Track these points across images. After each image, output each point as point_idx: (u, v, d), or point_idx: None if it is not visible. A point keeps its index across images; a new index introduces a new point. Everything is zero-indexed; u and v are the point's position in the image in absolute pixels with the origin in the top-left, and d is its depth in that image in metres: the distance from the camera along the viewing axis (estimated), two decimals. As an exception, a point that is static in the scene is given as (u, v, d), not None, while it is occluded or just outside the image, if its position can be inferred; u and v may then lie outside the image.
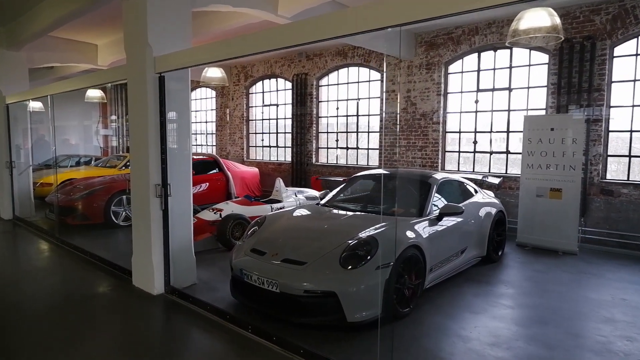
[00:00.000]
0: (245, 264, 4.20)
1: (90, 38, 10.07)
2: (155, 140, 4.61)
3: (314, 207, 5.50)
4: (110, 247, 6.84)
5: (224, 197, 9.96)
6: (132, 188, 4.96)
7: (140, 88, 4.61)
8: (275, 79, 12.29)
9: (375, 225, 4.43)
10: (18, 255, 6.59)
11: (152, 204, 4.63)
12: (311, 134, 11.25)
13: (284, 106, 12.17)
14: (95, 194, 8.04)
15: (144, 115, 4.59)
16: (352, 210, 5.13)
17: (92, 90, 11.72)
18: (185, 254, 4.93)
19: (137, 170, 4.84)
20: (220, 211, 7.00)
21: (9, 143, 8.80)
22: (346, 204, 5.50)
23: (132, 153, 4.89)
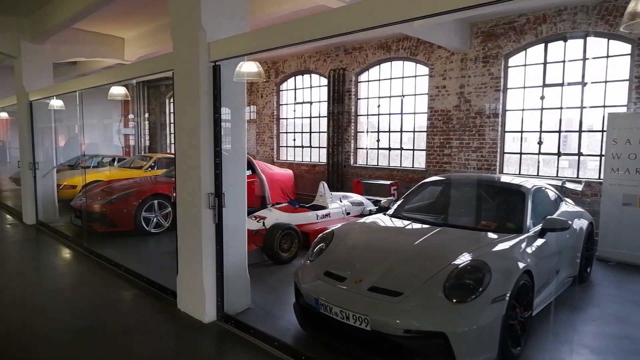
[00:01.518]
0: (321, 292, 3.46)
1: (116, 31, 9.45)
2: (208, 141, 3.89)
3: (383, 218, 4.74)
4: (145, 259, 6.17)
5: (257, 203, 9.26)
6: (177, 197, 4.26)
7: (191, 79, 3.91)
8: (309, 74, 11.56)
9: (476, 244, 3.66)
10: (43, 269, 5.95)
11: (203, 217, 3.92)
12: (349, 133, 10.49)
13: (319, 104, 11.43)
14: (124, 198, 7.39)
15: (194, 112, 3.88)
16: (432, 224, 4.34)
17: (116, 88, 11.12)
18: (239, 275, 4.22)
19: (184, 177, 4.13)
20: (263, 219, 6.28)
21: (32, 143, 8.20)
22: (421, 215, 4.73)
23: (179, 156, 4.19)
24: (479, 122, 8.25)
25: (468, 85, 8.35)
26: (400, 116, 9.67)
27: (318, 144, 11.51)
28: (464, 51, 8.34)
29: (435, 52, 8.81)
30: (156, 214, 7.57)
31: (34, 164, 8.23)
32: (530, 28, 7.58)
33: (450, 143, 8.67)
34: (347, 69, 10.39)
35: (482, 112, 8.20)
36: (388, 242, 4.04)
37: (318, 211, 7.15)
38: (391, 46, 9.52)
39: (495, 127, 8.08)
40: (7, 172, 12.97)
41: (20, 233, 7.80)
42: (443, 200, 5.04)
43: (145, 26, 9.22)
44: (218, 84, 3.85)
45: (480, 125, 8.23)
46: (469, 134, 8.37)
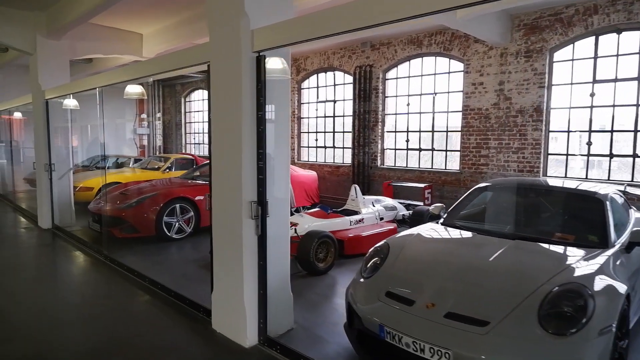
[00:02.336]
0: (386, 318, 2.98)
1: (135, 26, 9.05)
2: (250, 142, 3.43)
3: (438, 228, 4.23)
4: (169, 268, 5.73)
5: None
6: (213, 205, 3.80)
7: (231, 73, 3.45)
8: (333, 72, 11.07)
9: (561, 261, 3.16)
10: (62, 278, 5.54)
11: (244, 228, 3.46)
12: (376, 133, 9.99)
13: (343, 102, 10.94)
14: (145, 202, 6.98)
15: (235, 109, 3.42)
16: (499, 235, 3.83)
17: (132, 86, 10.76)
18: (282, 291, 3.76)
19: (221, 183, 3.68)
20: (294, 225, 5.82)
21: (48, 143, 7.83)
22: (481, 225, 4.22)
23: (215, 160, 3.74)
24: (520, 121, 7.71)
25: (508, 81, 7.81)
26: (431, 115, 9.15)
27: (342, 144, 11.03)
28: (503, 45, 7.80)
29: (471, 47, 8.28)
30: (178, 218, 7.15)
31: (50, 166, 7.85)
32: (579, 20, 7.02)
33: (487, 143, 8.14)
34: (374, 65, 9.89)
35: (524, 111, 7.66)
36: (456, 257, 3.53)
37: (351, 216, 6.68)
38: (422, 41, 9.00)
39: (538, 127, 7.53)
40: (21, 172, 12.67)
41: (35, 238, 7.43)
42: (505, 207, 4.52)
43: (165, 21, 8.81)
44: (262, 77, 3.39)
45: (522, 125, 7.69)
46: (509, 134, 7.84)
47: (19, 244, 6.98)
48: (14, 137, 13.38)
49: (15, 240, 7.30)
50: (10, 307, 4.41)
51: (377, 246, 3.86)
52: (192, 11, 8.08)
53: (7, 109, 11.29)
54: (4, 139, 13.21)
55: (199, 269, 5.70)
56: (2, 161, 12.92)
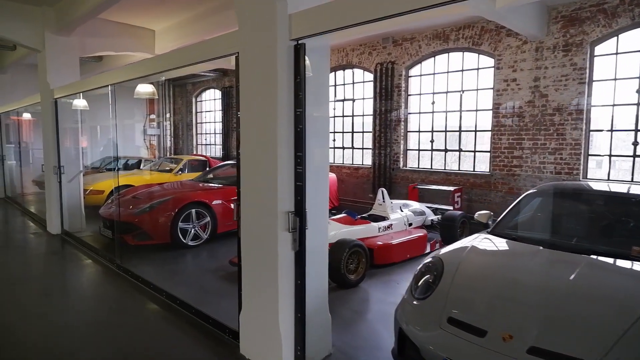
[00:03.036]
0: (451, 350, 2.53)
1: (146, 22, 8.66)
2: (287, 144, 2.99)
3: (493, 239, 3.76)
4: (187, 281, 5.31)
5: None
6: (242, 216, 3.36)
7: (264, 64, 3.01)
8: (352, 69, 10.61)
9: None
10: (73, 291, 5.14)
11: (280, 243, 3.02)
12: (398, 133, 9.52)
13: (362, 101, 10.48)
14: (159, 207, 6.57)
15: (269, 107, 2.98)
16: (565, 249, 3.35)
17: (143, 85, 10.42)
18: (319, 312, 3.31)
19: (252, 190, 3.24)
20: (321, 233, 5.36)
21: (57, 145, 7.45)
22: (544, 237, 3.74)
23: (245, 164, 3.30)
24: (557, 120, 7.20)
25: (544, 77, 7.31)
26: (458, 114, 8.66)
27: (361, 145, 10.56)
28: (539, 39, 7.30)
29: (503, 41, 7.78)
30: (194, 224, 6.74)
31: (59, 168, 7.47)
32: (624, 10, 6.51)
33: (521, 144, 7.64)
34: (397, 62, 9.42)
35: (562, 108, 7.15)
36: (529, 276, 3.06)
37: (380, 223, 6.23)
38: (449, 36, 8.52)
39: (578, 126, 7.02)
40: (30, 174, 12.35)
41: (44, 244, 7.05)
42: (569, 217, 4.03)
43: (178, 17, 8.41)
44: (302, 69, 2.94)
45: (560, 124, 7.18)
46: (546, 133, 7.33)
47: (27, 252, 6.61)
48: (23, 138, 13.08)
49: (23, 247, 6.93)
50: (18, 324, 4.01)
51: (427, 261, 3.40)
52: (206, 5, 7.67)
53: (15, 109, 10.97)
54: (13, 140, 12.91)
55: (219, 280, 5.27)
56: (11, 162, 12.60)
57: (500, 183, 7.93)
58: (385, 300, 4.66)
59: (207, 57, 3.72)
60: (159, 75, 11.29)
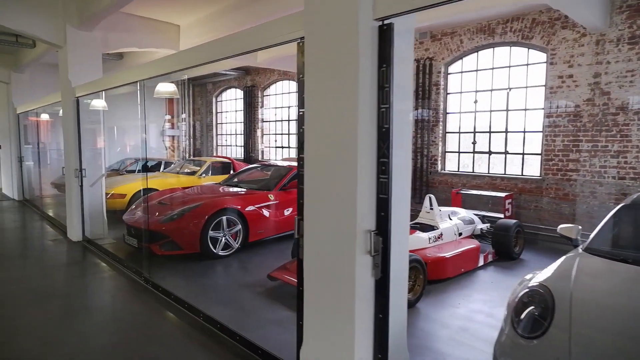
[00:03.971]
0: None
1: (171, 17, 8.21)
2: (369, 148, 2.44)
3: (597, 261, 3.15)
4: (224, 298, 4.77)
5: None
6: (306, 234, 2.81)
7: (340, 51, 2.46)
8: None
9: None
10: (96, 311, 4.64)
11: (358, 267, 2.46)
12: (436, 134, 8.91)
13: (395, 100, 9.88)
14: (188, 214, 6.07)
15: (346, 102, 2.43)
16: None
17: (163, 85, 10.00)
18: (399, 351, 2.74)
19: (321, 204, 2.68)
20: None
21: (79, 146, 7.01)
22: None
23: (309, 170, 2.75)
24: (621, 120, 6.54)
25: (606, 73, 6.65)
26: (505, 113, 8.02)
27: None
28: (600, 31, 6.64)
29: (557, 34, 7.14)
30: (224, 232, 6.22)
31: (81, 171, 7.02)
32: None
33: (578, 146, 6.98)
34: (435, 58, 8.82)
35: (627, 107, 6.49)
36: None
37: (430, 232, 5.65)
38: (495, 29, 7.89)
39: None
40: (48, 175, 12.01)
41: (65, 253, 6.60)
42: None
43: (204, 10, 7.94)
44: (389, 55, 2.39)
45: (624, 124, 6.52)
46: (607, 135, 6.67)
47: (47, 262, 6.15)
48: (41, 139, 12.76)
49: (43, 256, 6.48)
50: (38, 351, 3.52)
51: (529, 290, 2.81)
52: (234, -2, 7.19)
53: (34, 109, 10.61)
54: (31, 141, 12.59)
55: (258, 298, 4.74)
56: (29, 163, 12.27)
57: (554, 188, 7.28)
58: (451, 325, 4.08)
59: (260, 45, 3.18)
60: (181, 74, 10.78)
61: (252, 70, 13.52)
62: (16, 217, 9.57)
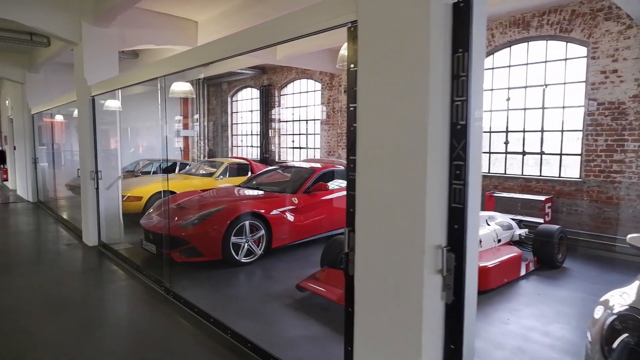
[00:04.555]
0: None
1: (189, 13, 7.90)
2: (440, 149, 2.06)
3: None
4: (251, 311, 4.40)
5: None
6: (357, 247, 2.44)
7: (404, 34, 2.09)
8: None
9: None
10: (114, 325, 4.32)
11: (426, 289, 2.08)
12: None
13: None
14: (210, 219, 5.74)
15: (413, 94, 2.06)
16: None
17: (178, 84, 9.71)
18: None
19: (379, 213, 2.30)
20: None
21: (94, 147, 6.72)
22: None
23: (365, 175, 2.37)
24: (673, 118, 6.06)
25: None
26: (540, 111, 7.57)
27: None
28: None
29: (600, 26, 6.67)
30: (247, 238, 5.88)
31: (97, 173, 6.74)
32: None
33: (623, 146, 6.51)
34: (464, 54, 8.37)
35: (679, 104, 6.01)
36: None
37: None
38: (530, 22, 7.45)
39: (702, 124, 5.87)
40: (62, 176, 11.82)
41: (80, 259, 6.32)
42: None
43: (222, 5, 7.62)
44: (466, 38, 2.01)
45: (676, 122, 6.04)
46: (657, 134, 6.20)
47: (62, 268, 5.87)
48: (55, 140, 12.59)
49: (58, 261, 6.20)
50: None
51: (620, 315, 2.40)
52: (254, -8, 6.86)
53: (48, 110, 10.41)
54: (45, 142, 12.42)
55: (288, 311, 4.38)
56: (43, 164, 12.10)
57: (596, 191, 6.81)
58: (506, 345, 3.68)
59: (300, 32, 2.82)
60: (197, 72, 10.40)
61: (268, 69, 13.20)
62: (30, 219, 9.35)
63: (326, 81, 11.33)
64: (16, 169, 13.41)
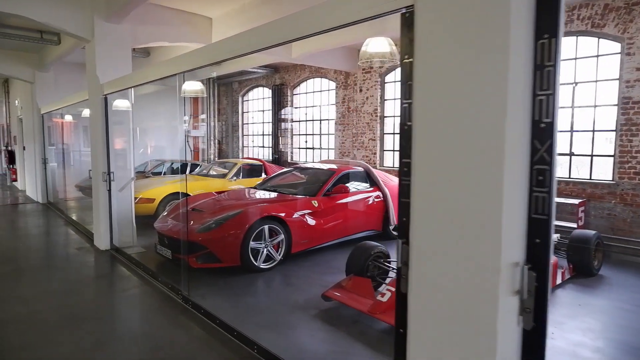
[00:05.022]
0: None
1: (203, 9, 7.66)
2: (520, 150, 1.77)
3: None
4: (275, 323, 4.11)
5: (378, 225, 7.18)
6: (413, 261, 2.15)
7: (475, 17, 1.80)
8: (428, 61, 9.29)
9: None
10: (131, 341, 4.07)
11: (501, 314, 1.80)
12: (488, 134, 8.15)
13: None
14: (228, 223, 5.48)
15: (489, 85, 1.78)
16: None
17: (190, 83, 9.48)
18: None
19: (440, 224, 2.01)
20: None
21: (107, 148, 6.49)
22: None
23: (423, 179, 2.09)
24: None
25: (697, 64, 5.83)
26: (570, 110, 7.24)
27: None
28: (690, 16, 5.84)
29: (636, 21, 6.34)
30: (266, 243, 5.62)
31: (109, 174, 6.51)
32: None
33: (661, 146, 6.18)
34: (487, 51, 8.05)
35: None
36: None
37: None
38: (559, 17, 7.10)
39: None
40: (71, 176, 11.63)
41: (92, 265, 6.09)
42: None
43: (236, 2, 7.36)
44: (554, 21, 1.72)
45: None
46: (699, 134, 5.86)
47: (73, 274, 5.63)
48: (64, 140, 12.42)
49: (69, 267, 5.97)
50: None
51: None
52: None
53: (59, 109, 10.22)
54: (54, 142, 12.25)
55: (314, 323, 4.11)
56: (53, 164, 11.92)
57: (631, 194, 6.48)
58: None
59: (341, 21, 2.54)
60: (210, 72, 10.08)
61: (281, 68, 12.94)
62: (40, 221, 9.16)
63: (341, 80, 11.05)
64: (25, 170, 13.26)
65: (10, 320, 4.10)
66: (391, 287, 4.05)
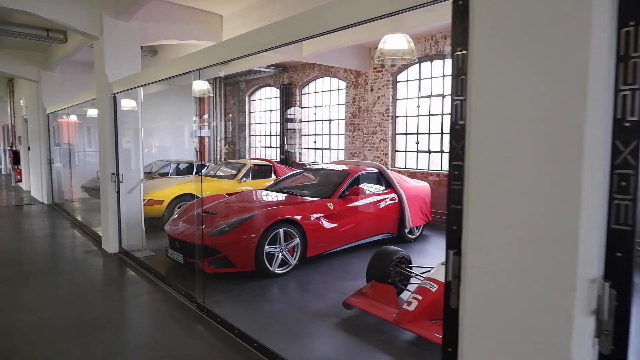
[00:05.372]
0: None
1: (213, 6, 7.48)
2: (600, 151, 1.57)
3: None
4: (296, 334, 3.91)
5: (393, 227, 6.98)
6: (465, 272, 1.95)
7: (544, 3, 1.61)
8: (442, 59, 9.11)
9: None
10: (145, 350, 3.88)
11: (576, 336, 1.59)
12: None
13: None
14: (242, 226, 5.28)
15: (563, 79, 1.58)
16: None
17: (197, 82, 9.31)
18: None
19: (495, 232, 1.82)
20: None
21: (116, 148, 6.31)
22: None
23: (475, 182, 1.89)
24: None
25: None
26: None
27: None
28: None
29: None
30: (281, 247, 5.42)
31: (118, 176, 6.33)
32: None
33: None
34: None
35: None
36: None
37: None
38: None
39: None
40: (76, 177, 11.47)
41: (100, 268, 5.91)
42: None
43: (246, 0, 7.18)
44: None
45: None
46: None
47: (81, 279, 5.45)
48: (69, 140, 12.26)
49: (77, 272, 5.79)
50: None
51: None
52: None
53: (65, 109, 10.06)
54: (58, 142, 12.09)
55: (337, 332, 3.91)
56: (58, 164, 11.77)
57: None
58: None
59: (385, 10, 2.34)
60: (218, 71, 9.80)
61: (289, 67, 12.75)
62: (46, 223, 8.99)
63: (351, 79, 10.84)
64: (30, 170, 13.12)
65: (18, 328, 3.92)
66: (417, 295, 3.85)
